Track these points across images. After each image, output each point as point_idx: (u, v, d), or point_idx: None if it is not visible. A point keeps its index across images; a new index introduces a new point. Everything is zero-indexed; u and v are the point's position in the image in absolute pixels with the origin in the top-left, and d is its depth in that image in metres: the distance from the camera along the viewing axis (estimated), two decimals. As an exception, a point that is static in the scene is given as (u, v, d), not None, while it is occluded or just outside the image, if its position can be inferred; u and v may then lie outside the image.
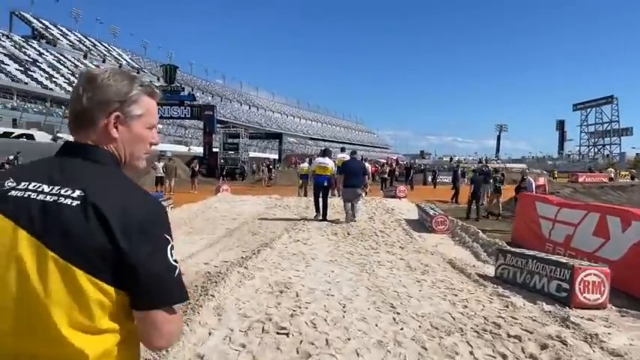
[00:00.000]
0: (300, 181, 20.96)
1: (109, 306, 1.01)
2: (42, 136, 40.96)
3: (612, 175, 42.04)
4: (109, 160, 1.14)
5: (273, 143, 62.03)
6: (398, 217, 11.30)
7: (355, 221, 10.33)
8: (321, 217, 10.78)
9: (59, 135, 43.72)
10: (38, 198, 1.03)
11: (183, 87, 43.32)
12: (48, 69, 63.82)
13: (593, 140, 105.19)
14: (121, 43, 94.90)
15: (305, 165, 22.34)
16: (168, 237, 1.07)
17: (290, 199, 14.42)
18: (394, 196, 15.18)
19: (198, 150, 44.26)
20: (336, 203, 12.51)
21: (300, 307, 4.06)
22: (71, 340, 0.98)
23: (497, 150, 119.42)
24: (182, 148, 51.73)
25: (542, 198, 9.09)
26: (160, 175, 20.30)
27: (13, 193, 1.05)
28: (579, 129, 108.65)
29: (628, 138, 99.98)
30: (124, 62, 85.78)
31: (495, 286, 5.15)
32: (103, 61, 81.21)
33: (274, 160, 45.50)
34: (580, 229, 7.53)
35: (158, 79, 50.90)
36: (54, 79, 62.02)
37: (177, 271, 1.06)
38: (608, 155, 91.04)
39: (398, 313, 4.01)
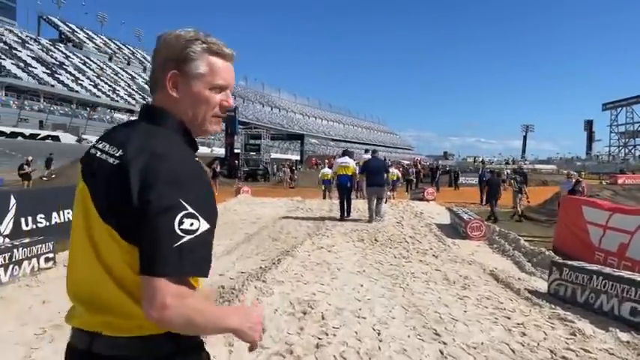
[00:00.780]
0: (323, 186, 20.61)
1: (131, 261, 1.02)
2: (67, 138, 41.45)
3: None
4: (171, 122, 1.13)
5: (295, 144, 61.54)
6: (428, 221, 10.58)
7: (380, 219, 10.17)
8: (346, 216, 10.80)
9: (84, 136, 44.21)
10: (97, 155, 1.12)
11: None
12: (74, 72, 64.82)
13: (623, 140, 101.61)
14: (146, 45, 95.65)
15: (326, 170, 21.85)
16: (183, 202, 0.99)
17: (312, 202, 13.83)
18: (422, 199, 14.41)
19: (220, 151, 44.08)
20: (360, 207, 11.87)
21: (327, 335, 3.43)
22: (112, 288, 1.04)
23: (524, 151, 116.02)
24: (204, 149, 51.65)
25: (591, 202, 8.25)
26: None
27: (91, 150, 1.15)
28: (609, 129, 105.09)
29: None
30: (149, 64, 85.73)
31: (552, 306, 4.42)
32: (128, 64, 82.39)
33: (296, 161, 44.94)
34: (638, 237, 6.70)
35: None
36: (79, 82, 62.97)
37: (181, 241, 0.98)
38: (639, 156, 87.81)
39: (445, 343, 3.35)
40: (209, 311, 1.04)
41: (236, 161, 36.21)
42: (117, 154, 1.06)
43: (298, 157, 51.41)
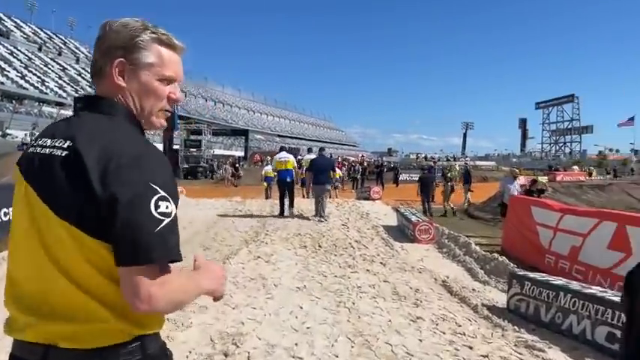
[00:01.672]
0: (265, 184, 20.74)
1: (97, 259, 0.97)
2: None
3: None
4: (119, 111, 1.08)
5: (239, 140, 59.97)
6: (374, 222, 10.04)
7: (326, 218, 10.04)
8: (287, 215, 10.62)
9: (8, 131, 40.76)
10: (39, 151, 1.05)
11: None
12: (-1, 62, 60.00)
13: (554, 138, 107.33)
14: (79, 35, 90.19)
15: (269, 167, 21.69)
16: (153, 186, 0.96)
17: (253, 203, 12.92)
18: (368, 198, 13.92)
19: (159, 147, 41.96)
20: (303, 207, 11.18)
21: (251, 389, 2.67)
22: (69, 291, 0.97)
23: (464, 147, 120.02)
24: (142, 145, 49.02)
25: (541, 203, 7.98)
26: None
27: (30, 149, 1.09)
28: (541, 127, 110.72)
29: (588, 136, 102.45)
30: (82, 55, 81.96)
31: (516, 328, 3.90)
32: (59, 54, 77.41)
33: (239, 157, 43.54)
34: (590, 240, 6.41)
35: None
36: (5, 73, 58.29)
37: (161, 224, 0.94)
38: (570, 153, 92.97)
39: (399, 394, 2.68)
40: (188, 285, 1.04)
41: (177, 158, 34.54)
42: (64, 146, 1.01)
43: (243, 154, 50.09)
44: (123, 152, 0.96)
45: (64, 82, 68.39)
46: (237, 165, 33.87)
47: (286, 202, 10.81)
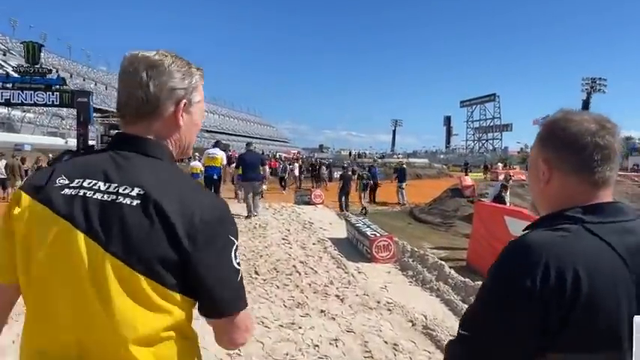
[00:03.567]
0: None
1: (172, 313, 0.96)
2: None
3: (500, 169, 43.42)
4: (165, 154, 1.07)
5: (164, 136, 56.21)
6: (320, 234, 8.52)
7: (256, 215, 9.91)
8: None
9: None
10: (95, 197, 0.97)
11: (50, 69, 36.73)
12: None
13: (478, 135, 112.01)
14: (21, 35, 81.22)
15: (195, 163, 21.34)
16: (232, 238, 1.01)
17: None
18: (309, 203, 12.39)
19: (72, 142, 38.02)
20: (236, 210, 9.45)
21: None
22: (130, 349, 0.92)
23: (393, 144, 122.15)
24: (58, 141, 44.29)
25: (516, 212, 6.87)
26: (1, 176, 15.51)
27: (67, 191, 0.99)
28: (465, 124, 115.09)
29: (508, 133, 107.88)
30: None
31: None
32: (4, 54, 68.89)
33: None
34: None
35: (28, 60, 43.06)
36: None
37: (240, 274, 1.01)
38: (494, 149, 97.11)
39: None
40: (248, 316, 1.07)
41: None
42: (133, 194, 0.96)
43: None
44: (203, 206, 0.98)
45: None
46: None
47: None
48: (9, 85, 32.73)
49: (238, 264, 1.00)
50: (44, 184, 1.01)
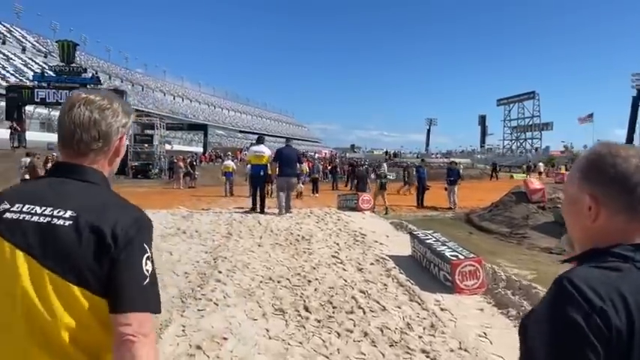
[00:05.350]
0: (225, 178, 20.39)
1: (102, 316, 1.07)
2: None
3: (541, 170, 40.99)
4: (100, 178, 1.21)
5: (199, 136, 55.83)
6: (377, 251, 6.99)
7: (290, 212, 9.82)
8: (259, 211, 10.20)
9: None
10: (32, 219, 1.10)
11: (85, 68, 36.52)
12: None
13: (515, 134, 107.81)
14: (26, 23, 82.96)
15: (229, 162, 21.73)
16: (146, 247, 1.13)
17: (202, 219, 9.40)
18: (355, 209, 10.85)
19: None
20: (281, 224, 8.05)
21: None
22: (73, 353, 1.05)
23: (427, 144, 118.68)
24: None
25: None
26: (25, 176, 14.66)
27: (8, 215, 1.12)
28: (502, 124, 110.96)
29: (548, 132, 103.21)
30: (29, 45, 75.76)
31: None
32: (3, 43, 70.78)
33: (195, 154, 39.55)
34: None
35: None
36: (-64, 61, 52.03)
37: (147, 280, 1.10)
38: (536, 149, 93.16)
39: None
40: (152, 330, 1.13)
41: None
42: (66, 216, 1.09)
43: (202, 150, 46.21)
44: (125, 218, 1.11)
45: (8, 72, 62.30)
46: (194, 163, 30.17)
47: (259, 198, 10.48)
48: (45, 85, 32.76)
49: (147, 270, 1.10)
50: None
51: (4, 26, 77.56)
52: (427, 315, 4.50)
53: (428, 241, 6.13)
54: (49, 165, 16.44)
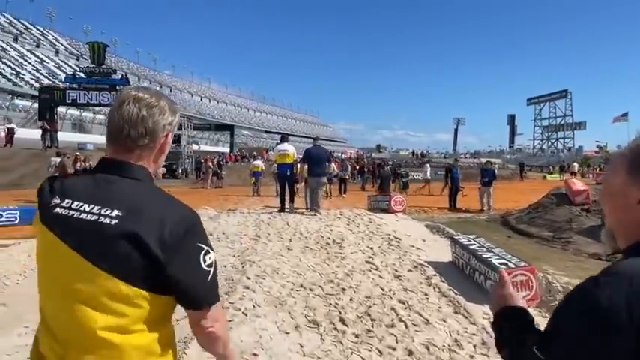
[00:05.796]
0: (254, 179, 20.47)
1: (143, 309, 1.12)
2: None
3: (575, 170, 39.84)
4: (145, 176, 1.24)
5: (226, 136, 56.15)
6: (414, 256, 6.55)
7: (320, 213, 9.65)
8: (287, 210, 10.15)
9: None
10: (80, 217, 1.15)
11: (115, 69, 37.02)
12: (-34, 52, 55.39)
13: (547, 134, 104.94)
14: (59, 27, 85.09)
15: (258, 162, 21.90)
16: (201, 244, 1.18)
17: (229, 221, 9.09)
18: (387, 210, 10.40)
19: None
20: (310, 226, 7.68)
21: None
22: (119, 345, 1.10)
23: (455, 144, 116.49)
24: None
25: None
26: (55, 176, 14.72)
27: (59, 210, 1.18)
28: (533, 123, 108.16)
29: (581, 132, 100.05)
30: (62, 47, 77.76)
31: None
32: (37, 46, 72.85)
33: (222, 154, 39.62)
34: None
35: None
36: (-26, 63, 53.78)
37: (210, 275, 1.18)
38: (569, 149, 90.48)
39: None
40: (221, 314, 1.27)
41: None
42: (112, 215, 1.13)
43: (228, 150, 46.38)
44: (173, 220, 1.14)
45: (42, 74, 63.98)
46: (220, 163, 30.20)
47: (287, 196, 10.38)
48: (75, 86, 33.30)
49: (208, 265, 1.17)
50: (46, 203, 1.20)
51: (39, 30, 79.84)
52: (476, 330, 4.06)
53: (471, 247, 5.66)
54: (79, 164, 16.66)
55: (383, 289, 5.03)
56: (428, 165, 18.51)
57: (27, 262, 6.05)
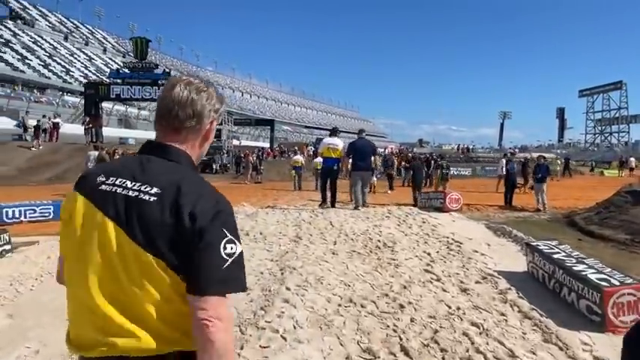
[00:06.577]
0: (294, 172, 20.24)
1: (182, 291, 1.14)
2: (4, 122, 34.84)
3: (633, 165, 37.31)
4: (184, 159, 1.29)
5: (266, 131, 56.02)
6: (479, 264, 5.62)
7: (367, 206, 9.44)
8: (329, 206, 9.82)
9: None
10: (122, 192, 1.20)
11: (157, 64, 37.29)
12: (22, 50, 57.54)
13: (600, 128, 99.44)
14: (106, 25, 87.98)
15: (298, 157, 21.49)
16: (226, 231, 1.16)
17: (267, 219, 8.30)
18: (441, 209, 9.43)
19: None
20: (355, 226, 6.88)
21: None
22: (149, 319, 1.13)
23: (501, 138, 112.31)
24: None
25: None
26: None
27: (103, 187, 1.23)
28: (585, 116, 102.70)
29: (637, 125, 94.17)
30: (109, 45, 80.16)
31: None
32: (86, 44, 75.38)
33: (262, 149, 39.24)
34: None
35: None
36: (27, 61, 55.83)
37: (227, 263, 1.14)
38: (626, 143, 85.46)
39: None
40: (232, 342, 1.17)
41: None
42: (152, 192, 1.18)
43: (268, 145, 46.12)
44: (206, 202, 1.17)
45: (90, 71, 65.99)
46: (260, 158, 29.74)
47: (329, 192, 10.06)
48: (119, 81, 33.73)
49: (228, 254, 1.14)
50: (88, 181, 1.26)
51: (87, 28, 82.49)
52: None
53: (556, 257, 4.68)
54: (116, 157, 16.54)
55: (449, 307, 4.16)
56: (503, 160, 16.87)
57: (45, 265, 5.55)
